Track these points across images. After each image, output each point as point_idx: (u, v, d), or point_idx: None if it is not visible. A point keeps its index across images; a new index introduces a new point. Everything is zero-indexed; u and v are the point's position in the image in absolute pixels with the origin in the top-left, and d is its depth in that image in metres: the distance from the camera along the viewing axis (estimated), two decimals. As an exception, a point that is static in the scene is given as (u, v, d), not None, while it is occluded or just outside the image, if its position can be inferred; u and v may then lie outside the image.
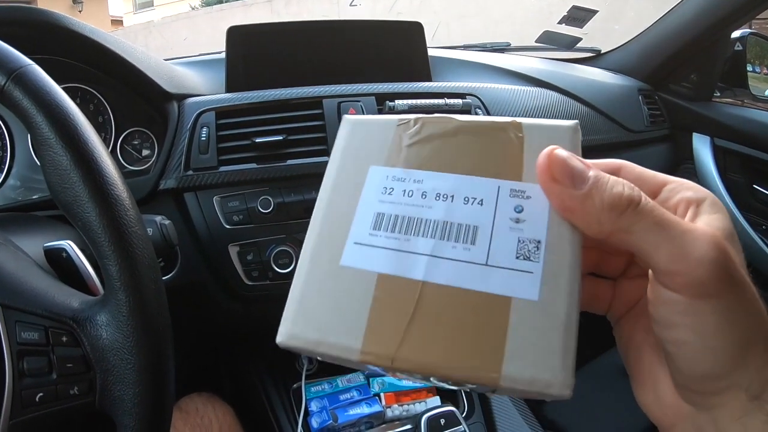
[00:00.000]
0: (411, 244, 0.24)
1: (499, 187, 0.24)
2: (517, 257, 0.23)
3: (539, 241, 0.23)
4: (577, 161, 0.22)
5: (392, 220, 0.25)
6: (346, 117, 0.29)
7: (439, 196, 0.25)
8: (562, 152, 0.23)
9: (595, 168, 0.23)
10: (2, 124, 0.73)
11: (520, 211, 0.24)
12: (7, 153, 0.73)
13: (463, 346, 0.22)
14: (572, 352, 0.21)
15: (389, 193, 0.26)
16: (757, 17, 1.18)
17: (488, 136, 0.26)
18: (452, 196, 0.25)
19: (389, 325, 0.23)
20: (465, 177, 0.25)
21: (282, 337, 0.24)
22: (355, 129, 0.28)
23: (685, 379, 0.23)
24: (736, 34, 1.21)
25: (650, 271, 0.23)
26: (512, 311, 0.22)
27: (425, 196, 0.25)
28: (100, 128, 0.78)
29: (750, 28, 1.37)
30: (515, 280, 0.22)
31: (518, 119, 0.26)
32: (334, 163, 0.27)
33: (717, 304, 0.21)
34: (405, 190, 0.25)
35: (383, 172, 0.26)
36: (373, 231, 0.25)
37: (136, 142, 0.80)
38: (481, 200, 0.24)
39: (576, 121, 0.25)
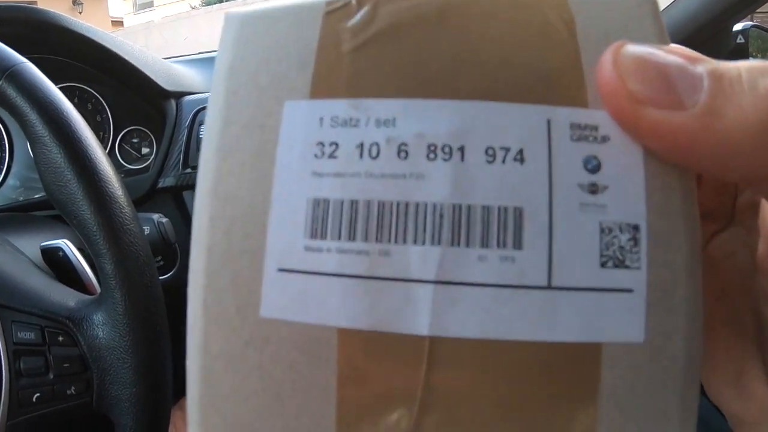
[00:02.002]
0: (394, 262, 0.13)
1: (549, 120, 0.13)
2: (603, 264, 0.13)
3: (637, 227, 0.13)
4: (669, 55, 0.13)
5: (347, 213, 0.13)
6: (228, 14, 0.16)
7: (435, 151, 0.13)
8: (638, 47, 0.13)
9: (702, 56, 0.13)
10: (1, 125, 0.73)
11: (595, 169, 0.13)
12: (6, 153, 0.73)
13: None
14: (694, 413, 0.13)
15: (331, 155, 0.14)
16: (759, 10, 1.17)
17: (506, 21, 0.14)
18: (462, 149, 0.13)
19: (381, 428, 0.13)
20: (480, 105, 0.13)
21: None
22: (248, 33, 0.15)
23: None
24: (738, 26, 1.20)
25: (766, 235, 0.17)
26: (604, 369, 0.13)
27: (406, 152, 0.13)
28: (99, 127, 0.78)
29: (752, 20, 1.37)
30: (604, 309, 0.13)
31: None
32: (215, 106, 0.15)
33: None
34: (362, 145, 0.13)
35: (312, 111, 0.14)
36: (313, 241, 0.13)
37: (134, 141, 0.80)
38: (521, 151, 0.13)
39: None
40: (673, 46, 0.13)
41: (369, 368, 0.13)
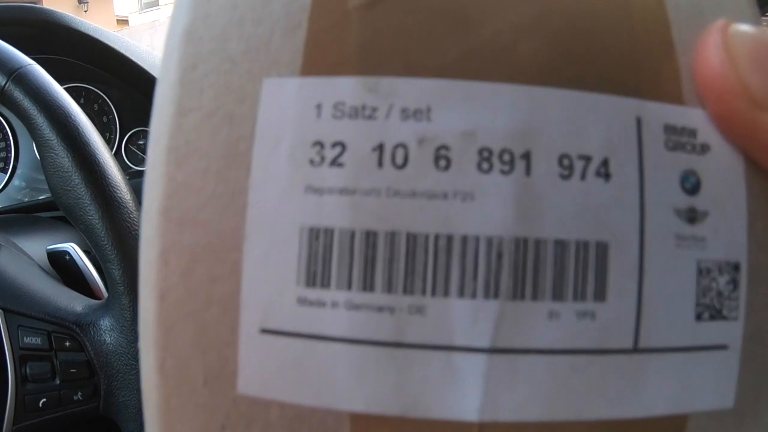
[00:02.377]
0: (430, 323, 0.09)
1: (639, 119, 0.10)
2: (699, 316, 0.10)
3: (737, 266, 0.10)
4: None
5: (361, 251, 0.09)
6: None
7: (489, 157, 0.09)
8: (750, 28, 0.10)
9: None
10: (6, 125, 0.73)
11: (693, 189, 0.10)
12: (11, 154, 0.73)
13: None
14: None
15: (334, 162, 0.09)
16: (766, 14, 1.16)
17: None
18: (527, 155, 0.09)
19: None
20: (549, 92, 0.10)
21: None
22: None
23: None
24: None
25: None
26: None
27: (447, 159, 0.09)
28: (105, 128, 0.78)
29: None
30: (694, 372, 0.10)
31: None
32: (166, 88, 0.11)
33: None
34: (382, 146, 0.09)
35: (305, 95, 0.10)
36: (309, 290, 0.09)
37: (141, 142, 0.79)
38: (605, 161, 0.10)
39: None
40: None
41: None
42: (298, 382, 0.09)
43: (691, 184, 0.10)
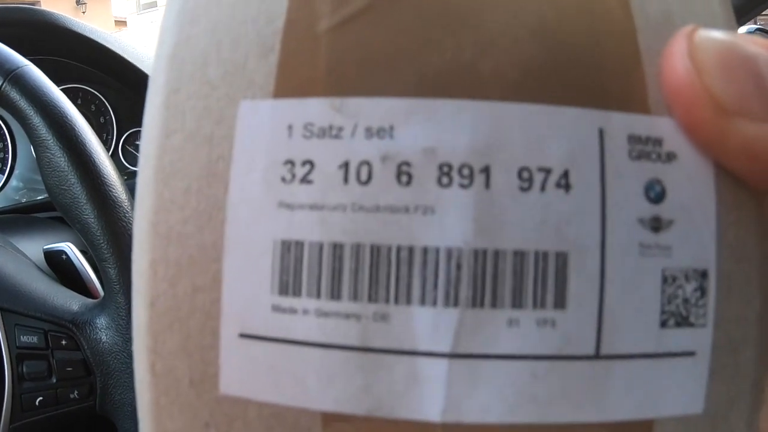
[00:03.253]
0: (394, 329, 0.10)
1: (601, 129, 0.10)
2: (664, 323, 0.10)
3: (705, 273, 0.10)
4: (755, 47, 0.10)
5: (329, 262, 0.10)
6: None
7: (449, 172, 0.10)
8: (718, 34, 0.10)
9: None
10: (4, 126, 0.73)
11: (658, 198, 0.10)
12: (8, 154, 0.73)
13: None
14: None
15: (304, 178, 0.10)
16: (763, 14, 1.17)
17: None
18: (486, 169, 0.10)
19: None
20: (509, 107, 0.10)
21: None
22: (193, 8, 0.11)
23: None
24: (741, 30, 1.20)
25: None
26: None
27: (409, 175, 0.10)
28: (102, 129, 0.78)
29: (755, 24, 1.36)
30: (660, 378, 0.10)
31: None
32: (152, 111, 0.11)
33: None
34: (347, 164, 0.10)
35: (277, 116, 0.10)
36: (283, 298, 0.10)
37: (138, 143, 0.80)
38: (565, 173, 0.10)
39: None
40: (751, 35, 0.10)
41: None
42: (274, 383, 0.10)
43: (655, 193, 0.10)
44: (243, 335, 0.10)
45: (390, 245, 0.10)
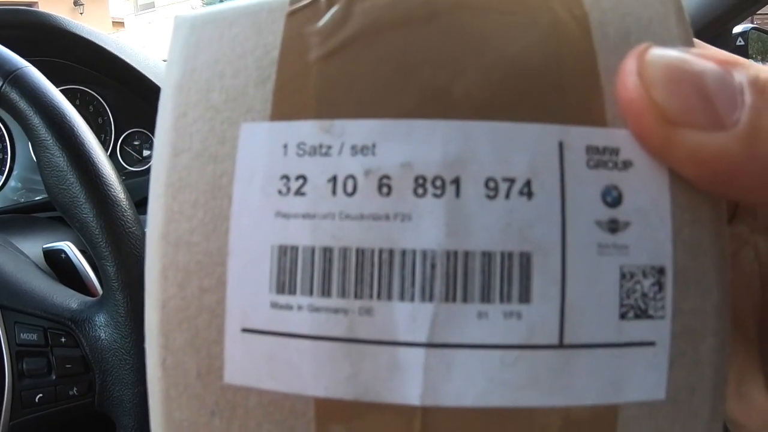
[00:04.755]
0: (378, 323, 0.11)
1: (561, 143, 0.11)
2: (623, 315, 0.11)
3: (662, 270, 0.11)
4: (704, 62, 0.11)
5: (320, 265, 0.11)
6: (178, 17, 0.13)
7: (424, 184, 0.11)
8: (668, 52, 0.11)
9: (740, 59, 0.11)
10: (3, 127, 0.74)
11: (615, 202, 0.11)
12: (7, 155, 0.73)
13: None
14: None
15: (298, 191, 0.11)
16: (759, 12, 1.17)
17: (510, 18, 0.12)
18: (457, 181, 0.11)
19: None
20: (478, 125, 0.11)
21: None
22: (199, 39, 0.13)
23: None
24: (737, 29, 1.20)
25: None
26: (620, 430, 0.11)
27: (388, 187, 0.11)
28: (100, 129, 0.78)
29: (752, 23, 1.37)
30: (622, 367, 0.11)
31: None
32: (163, 132, 0.13)
33: None
34: (335, 178, 0.11)
35: (274, 137, 0.12)
36: (280, 297, 0.11)
37: (136, 143, 0.80)
38: (528, 183, 0.11)
39: None
40: (703, 49, 0.11)
41: None
42: (272, 372, 0.11)
43: (612, 198, 0.11)
44: (245, 330, 0.11)
45: (373, 248, 0.11)
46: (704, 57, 0.11)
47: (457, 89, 0.11)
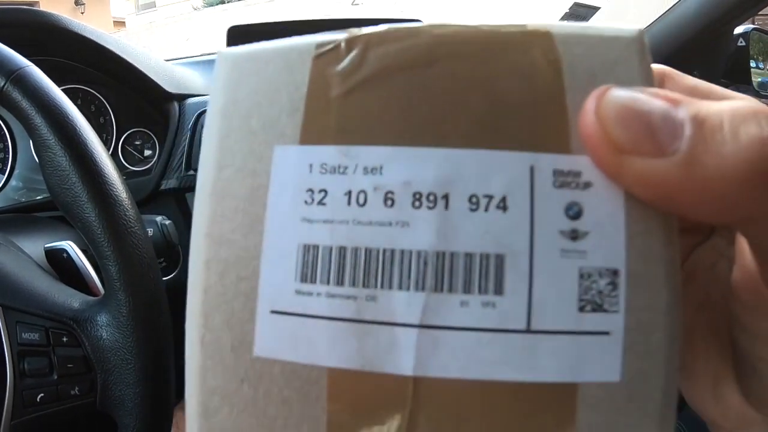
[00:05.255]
0: (381, 307, 0.13)
1: (532, 167, 0.13)
2: (581, 309, 0.13)
3: (616, 272, 0.13)
4: (653, 100, 0.13)
5: (336, 260, 0.14)
6: (221, 53, 0.16)
7: (420, 199, 0.13)
8: (622, 93, 0.13)
9: (686, 98, 0.13)
10: (4, 126, 0.74)
11: (576, 216, 0.13)
12: (9, 155, 0.73)
13: None
14: None
15: (320, 202, 0.14)
16: (760, 13, 1.17)
17: (495, 64, 0.14)
18: (446, 197, 0.13)
19: None
20: (465, 153, 0.14)
21: None
22: (240, 74, 0.15)
23: (765, 395, 0.18)
24: (739, 30, 1.20)
25: (743, 262, 0.17)
26: (580, 407, 0.13)
27: (392, 200, 0.14)
28: (102, 129, 0.78)
29: (753, 23, 1.37)
30: (581, 351, 0.13)
31: (545, 25, 0.14)
32: (209, 148, 0.15)
33: None
34: (350, 193, 0.14)
35: (301, 158, 0.14)
36: (304, 285, 0.14)
37: (137, 143, 0.80)
38: (503, 199, 0.13)
39: (639, 27, 0.14)
40: (658, 90, 0.13)
41: (357, 406, 0.13)
42: (294, 346, 0.14)
43: (574, 212, 0.13)
44: (273, 311, 0.14)
45: (378, 248, 0.14)
46: (655, 95, 0.13)
47: (449, 123, 0.14)
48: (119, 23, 13.03)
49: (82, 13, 11.09)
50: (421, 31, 0.15)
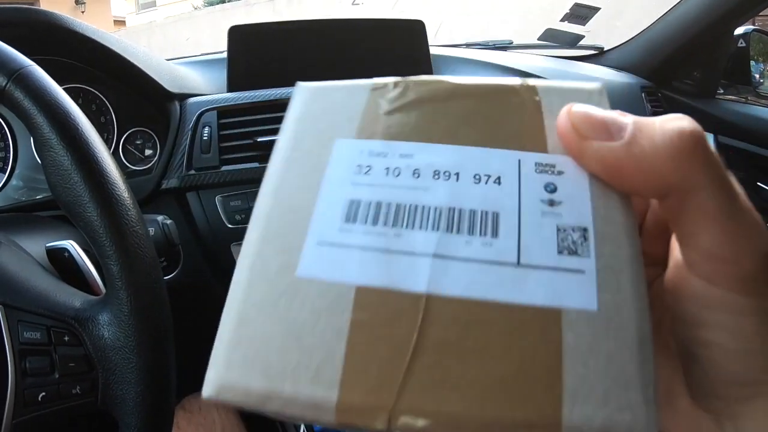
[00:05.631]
0: (404, 241, 0.17)
1: (519, 160, 0.19)
2: (560, 252, 0.17)
3: (585, 229, 0.17)
4: (607, 111, 0.18)
5: (373, 209, 0.18)
6: (300, 84, 0.22)
7: (438, 174, 0.18)
8: (581, 105, 0.19)
9: (628, 115, 0.18)
10: (5, 125, 0.74)
11: (552, 191, 0.18)
12: (10, 154, 0.73)
13: (499, 385, 0.15)
14: (652, 378, 0.15)
15: (366, 173, 0.19)
16: (761, 14, 1.17)
17: (495, 100, 0.20)
18: (457, 174, 0.18)
19: (380, 364, 0.16)
20: (472, 149, 0.19)
21: (210, 388, 0.16)
22: (313, 97, 0.21)
23: (708, 385, 0.20)
24: (739, 30, 1.20)
25: (674, 260, 0.20)
26: (565, 328, 0.16)
27: (418, 174, 0.19)
28: (103, 128, 0.78)
29: (753, 24, 1.37)
30: (562, 283, 0.16)
31: (530, 81, 0.20)
32: (284, 139, 0.20)
33: (760, 302, 0.17)
34: (388, 168, 0.19)
35: (355, 146, 0.20)
36: (346, 224, 0.18)
37: (138, 142, 0.80)
38: (498, 178, 0.18)
39: (601, 82, 0.20)
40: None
41: (378, 315, 0.16)
42: (331, 269, 0.17)
43: (550, 189, 0.18)
44: (319, 243, 0.18)
45: (406, 203, 0.18)
46: (605, 110, 0.19)
47: (460, 131, 0.20)
48: (119, 22, 13.02)
49: (83, 12, 11.09)
50: (445, 80, 0.21)
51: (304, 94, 0.22)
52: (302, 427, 0.80)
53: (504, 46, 1.33)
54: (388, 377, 0.15)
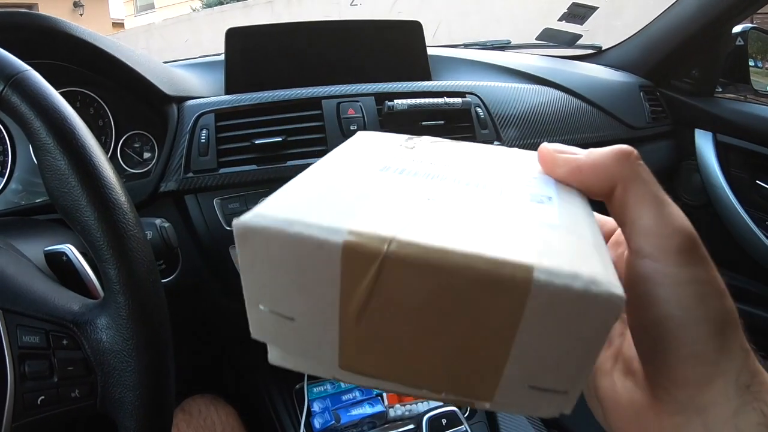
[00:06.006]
0: (420, 185, 0.22)
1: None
2: (531, 201, 0.22)
3: (551, 197, 0.23)
4: (569, 149, 0.26)
5: (394, 176, 0.23)
6: (359, 133, 0.30)
7: (451, 164, 0.26)
8: (554, 144, 0.26)
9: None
10: (4, 129, 0.74)
11: (548, 199, 0.23)
12: (8, 158, 0.73)
13: (486, 233, 0.18)
14: (609, 260, 0.19)
15: (397, 157, 0.26)
16: (759, 12, 1.17)
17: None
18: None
19: (394, 208, 0.20)
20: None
21: (243, 218, 0.19)
22: (356, 141, 0.29)
23: (670, 373, 0.21)
24: (737, 29, 1.20)
25: (624, 261, 0.23)
26: (538, 228, 0.19)
27: (435, 162, 0.25)
28: (100, 132, 0.78)
29: (751, 22, 1.37)
30: (532, 208, 0.21)
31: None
32: (337, 153, 0.26)
33: (695, 272, 0.21)
34: (413, 160, 0.25)
35: (387, 137, 0.29)
36: (383, 172, 0.23)
37: (136, 145, 0.80)
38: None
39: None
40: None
41: (397, 183, 0.22)
42: (373, 172, 0.24)
43: (545, 197, 0.23)
44: (375, 169, 0.24)
45: (418, 171, 0.24)
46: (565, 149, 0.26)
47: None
48: (118, 25, 13.02)
49: (81, 14, 11.09)
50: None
51: (355, 139, 0.30)
52: (302, 427, 0.80)
53: (502, 46, 1.33)
54: (397, 216, 0.19)
